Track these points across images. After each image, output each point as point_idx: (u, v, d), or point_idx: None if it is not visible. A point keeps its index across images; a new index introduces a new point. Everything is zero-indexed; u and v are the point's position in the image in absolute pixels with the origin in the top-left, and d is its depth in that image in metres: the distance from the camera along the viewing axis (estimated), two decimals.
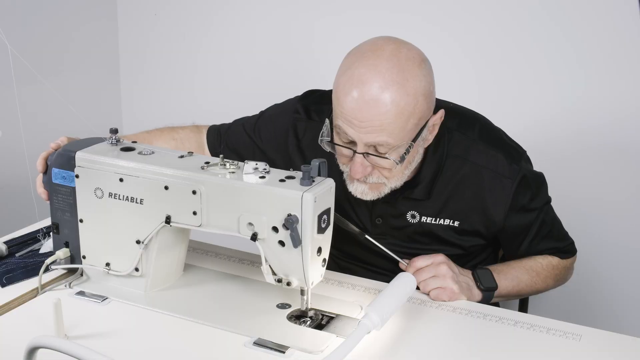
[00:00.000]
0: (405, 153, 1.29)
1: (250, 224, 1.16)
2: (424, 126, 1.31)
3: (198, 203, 1.19)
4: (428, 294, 1.33)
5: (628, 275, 2.08)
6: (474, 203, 1.42)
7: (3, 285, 1.33)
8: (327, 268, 1.25)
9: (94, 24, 2.63)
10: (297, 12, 2.37)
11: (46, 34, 2.42)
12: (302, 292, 1.21)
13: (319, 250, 1.17)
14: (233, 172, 1.19)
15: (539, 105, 2.09)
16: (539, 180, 1.47)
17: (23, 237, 1.53)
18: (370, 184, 1.34)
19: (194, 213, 1.20)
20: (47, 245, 1.46)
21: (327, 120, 1.35)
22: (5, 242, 1.47)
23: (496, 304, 1.65)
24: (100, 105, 2.70)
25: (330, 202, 1.17)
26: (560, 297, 2.17)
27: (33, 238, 1.52)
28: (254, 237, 1.16)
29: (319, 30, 2.34)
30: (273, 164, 1.52)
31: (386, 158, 1.28)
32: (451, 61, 2.11)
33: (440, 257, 1.36)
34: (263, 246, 1.17)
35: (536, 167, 1.50)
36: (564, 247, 1.52)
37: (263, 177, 1.16)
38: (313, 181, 1.14)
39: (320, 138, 1.35)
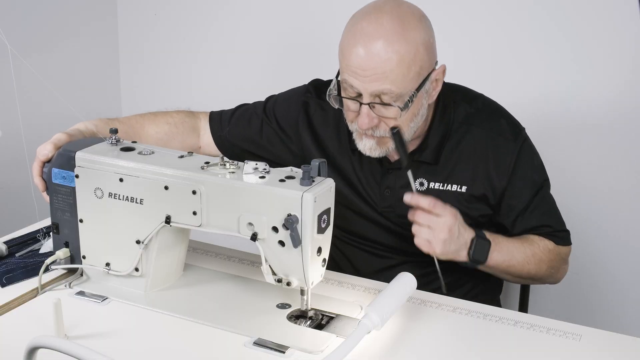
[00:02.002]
0: (409, 101, 1.33)
1: (250, 224, 1.16)
2: (427, 78, 1.36)
3: (198, 203, 1.19)
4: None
5: (628, 276, 2.08)
6: (480, 168, 1.45)
7: (3, 285, 1.33)
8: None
9: (94, 24, 2.63)
10: (298, 11, 2.37)
11: (46, 33, 2.42)
12: (302, 292, 1.21)
13: (319, 250, 1.17)
14: (233, 172, 1.19)
15: (538, 101, 2.08)
16: (538, 157, 1.52)
17: (23, 237, 1.53)
18: (378, 138, 1.39)
19: (194, 213, 1.20)
20: (47, 245, 1.46)
21: (334, 79, 1.40)
22: (5, 242, 1.47)
23: (497, 304, 1.65)
24: (100, 105, 2.70)
25: (330, 202, 1.17)
26: (560, 297, 2.17)
27: (33, 238, 1.52)
28: (254, 237, 1.16)
29: (319, 30, 2.34)
30: (285, 145, 1.59)
31: (391, 105, 1.33)
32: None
33: (447, 214, 1.33)
34: (263, 246, 1.17)
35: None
36: (559, 231, 1.51)
37: (263, 177, 1.16)
38: (313, 181, 1.14)
39: (327, 94, 1.40)
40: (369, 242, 1.56)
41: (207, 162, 1.22)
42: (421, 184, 1.47)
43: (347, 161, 1.53)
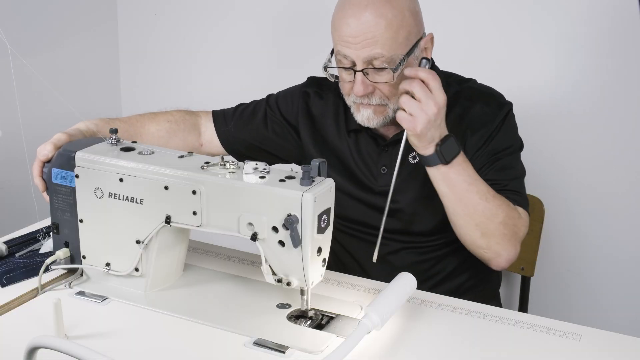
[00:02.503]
0: (399, 64, 1.38)
1: (250, 224, 1.16)
2: (416, 44, 1.42)
3: (198, 203, 1.19)
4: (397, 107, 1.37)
5: (628, 276, 2.08)
6: (467, 135, 1.48)
7: (3, 285, 1.33)
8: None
9: (94, 24, 2.63)
10: (298, 11, 2.37)
11: (46, 34, 2.42)
12: (302, 292, 1.21)
13: (319, 250, 1.17)
14: (233, 172, 1.19)
15: (531, 93, 2.08)
16: (518, 135, 1.54)
17: (23, 237, 1.53)
18: (374, 106, 1.43)
19: (194, 213, 1.20)
20: (47, 245, 1.46)
21: (329, 55, 1.46)
22: (5, 242, 1.48)
23: (498, 304, 1.65)
24: (100, 105, 2.70)
25: (330, 202, 1.17)
26: (560, 297, 2.17)
27: (33, 238, 1.52)
28: (254, 237, 1.16)
29: (320, 29, 2.34)
30: (290, 135, 1.65)
31: (383, 69, 1.38)
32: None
33: (441, 94, 1.33)
34: (263, 246, 1.17)
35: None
36: (515, 192, 1.47)
37: (263, 177, 1.16)
38: (313, 181, 1.14)
39: (323, 66, 1.45)
40: (366, 228, 1.57)
41: (207, 162, 1.22)
42: (414, 158, 1.50)
43: (344, 144, 1.57)
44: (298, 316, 1.23)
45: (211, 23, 2.54)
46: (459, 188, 1.37)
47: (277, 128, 1.65)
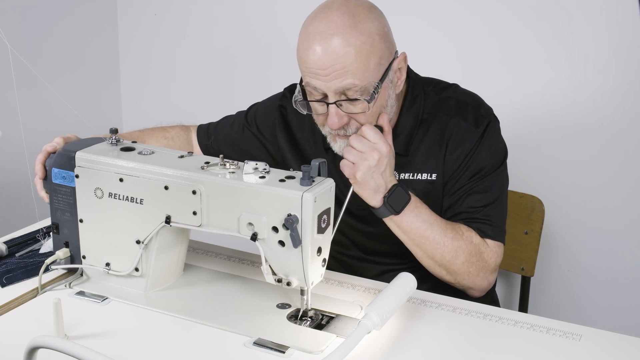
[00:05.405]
0: (374, 93, 1.32)
1: (250, 224, 1.16)
2: (389, 67, 1.35)
3: (198, 203, 1.19)
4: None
5: (628, 276, 2.08)
6: (446, 154, 1.44)
7: (3, 285, 1.33)
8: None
9: (94, 24, 2.64)
10: (300, 12, 2.37)
11: (46, 34, 2.42)
12: (302, 292, 1.21)
13: (319, 250, 1.17)
14: (233, 172, 1.19)
15: (534, 104, 2.09)
16: (500, 147, 1.48)
17: (23, 237, 1.53)
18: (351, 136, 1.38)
19: (194, 213, 1.20)
20: (47, 245, 1.46)
21: (298, 86, 1.40)
22: (5, 242, 1.48)
23: (496, 304, 1.65)
24: (100, 105, 2.70)
25: (330, 202, 1.17)
26: (560, 297, 2.17)
27: (33, 238, 1.52)
28: (254, 237, 1.16)
29: None
30: (265, 149, 1.61)
31: (357, 99, 1.32)
32: (452, 50, 2.11)
33: (383, 144, 1.32)
34: (263, 246, 1.17)
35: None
36: (489, 225, 1.43)
37: (263, 177, 1.16)
38: (313, 181, 1.14)
39: (293, 100, 1.40)
40: (344, 249, 1.56)
41: (207, 162, 1.22)
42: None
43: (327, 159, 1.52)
44: (298, 316, 1.24)
45: (212, 23, 2.54)
46: (414, 234, 1.38)
47: (253, 141, 1.63)
